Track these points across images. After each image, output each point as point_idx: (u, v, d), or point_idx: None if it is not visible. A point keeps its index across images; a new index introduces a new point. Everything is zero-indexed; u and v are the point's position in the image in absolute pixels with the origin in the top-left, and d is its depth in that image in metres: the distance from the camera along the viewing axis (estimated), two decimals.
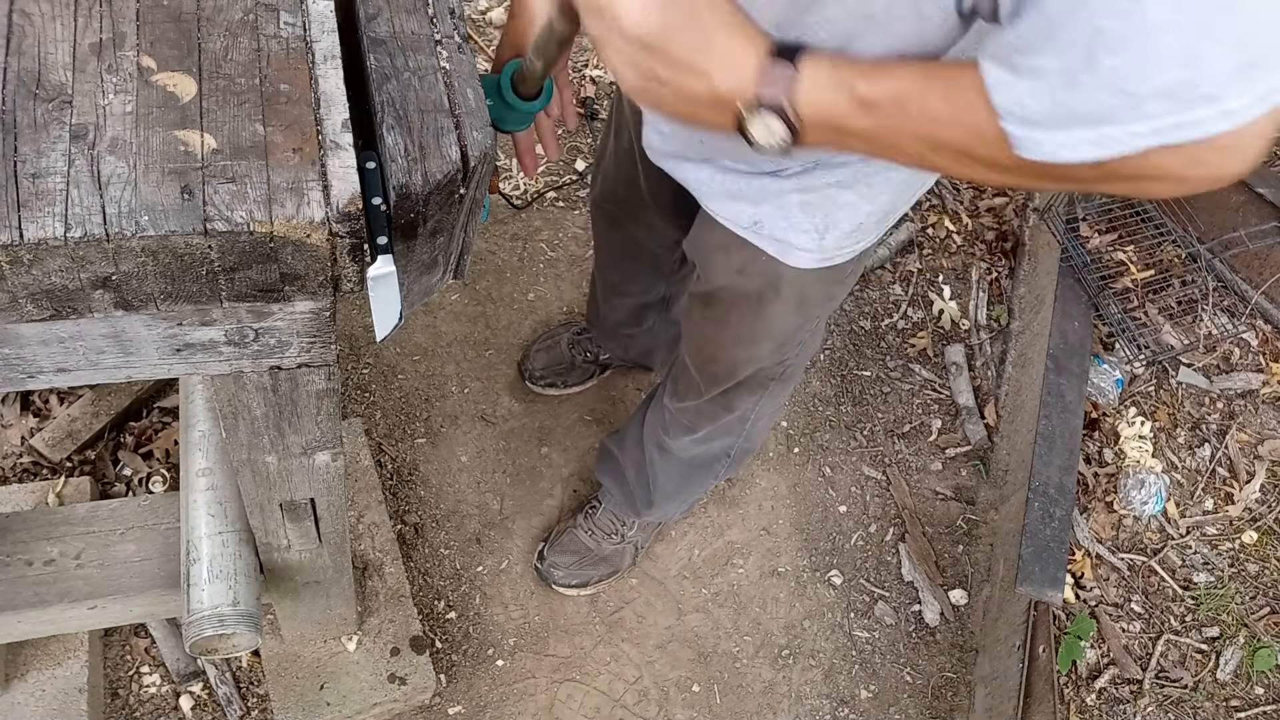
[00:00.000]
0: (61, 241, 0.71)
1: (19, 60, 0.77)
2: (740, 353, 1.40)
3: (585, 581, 1.96)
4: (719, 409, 1.58)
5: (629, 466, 1.84)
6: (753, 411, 1.59)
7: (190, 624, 1.29)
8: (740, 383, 1.49)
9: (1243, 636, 2.09)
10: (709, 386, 1.52)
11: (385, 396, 2.15)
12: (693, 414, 1.62)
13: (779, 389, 1.55)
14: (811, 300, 1.30)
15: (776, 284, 1.23)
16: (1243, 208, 2.52)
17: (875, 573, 2.12)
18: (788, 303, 1.27)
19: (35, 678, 1.64)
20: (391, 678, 1.71)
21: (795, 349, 1.44)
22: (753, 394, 1.53)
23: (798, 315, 1.32)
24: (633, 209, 1.56)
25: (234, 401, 0.99)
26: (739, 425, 1.63)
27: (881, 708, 1.96)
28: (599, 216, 1.73)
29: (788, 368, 1.49)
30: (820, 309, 1.35)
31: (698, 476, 1.79)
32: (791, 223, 1.14)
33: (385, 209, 0.79)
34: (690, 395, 1.59)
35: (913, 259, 2.57)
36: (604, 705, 1.88)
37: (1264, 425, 2.38)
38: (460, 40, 0.89)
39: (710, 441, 1.68)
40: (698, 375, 1.53)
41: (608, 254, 1.81)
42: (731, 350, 1.41)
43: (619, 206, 1.61)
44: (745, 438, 1.68)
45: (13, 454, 1.91)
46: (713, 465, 1.75)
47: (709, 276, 1.32)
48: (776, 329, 1.34)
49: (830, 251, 1.17)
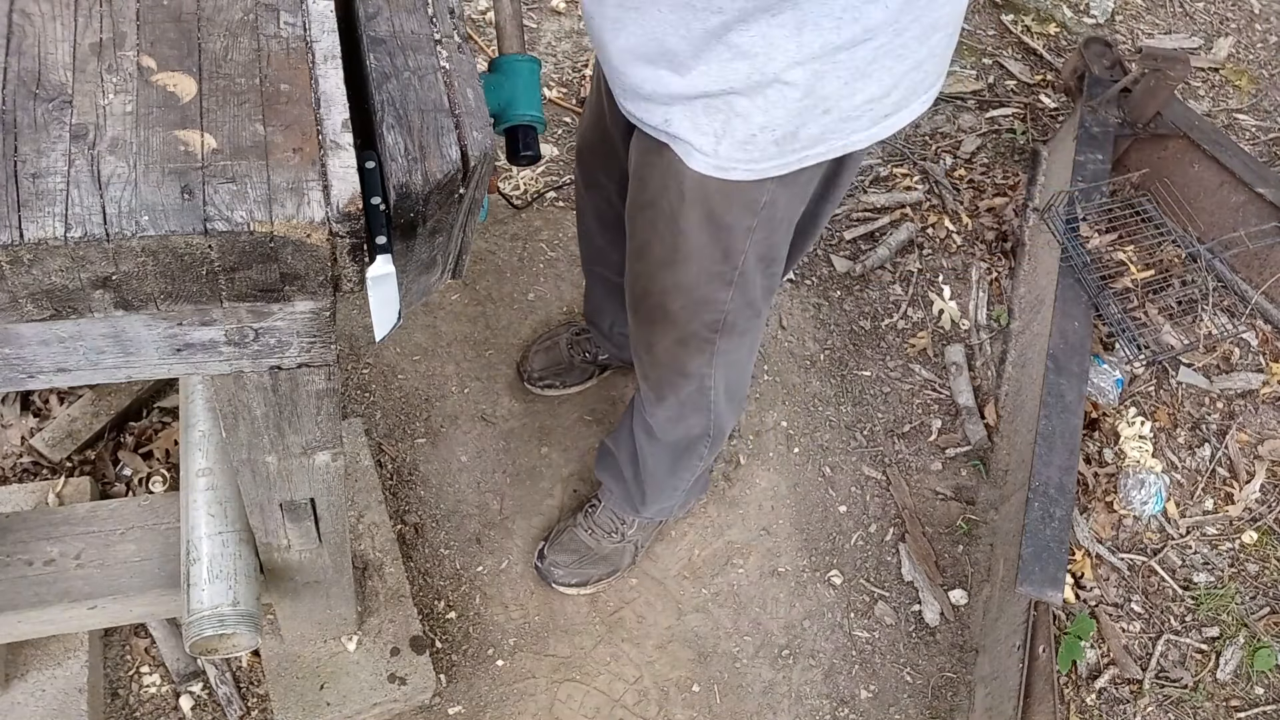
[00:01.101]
0: (61, 241, 0.71)
1: (19, 60, 0.77)
2: (666, 278, 1.42)
3: (585, 580, 1.96)
4: (674, 374, 1.58)
5: (624, 461, 1.85)
6: (711, 378, 1.59)
7: (190, 624, 1.30)
8: (681, 336, 1.50)
9: (1243, 636, 2.09)
10: (650, 332, 1.54)
11: (385, 396, 2.15)
12: (653, 382, 1.64)
13: (726, 346, 1.53)
14: (721, 218, 1.31)
15: (681, 189, 1.28)
16: (1243, 208, 2.52)
17: (875, 573, 2.12)
18: (695, 212, 1.30)
19: (35, 678, 1.64)
20: (391, 678, 1.71)
21: (727, 290, 1.42)
22: (701, 353, 1.53)
23: (710, 235, 1.33)
24: (600, 152, 1.64)
25: (234, 401, 0.99)
26: (701, 397, 1.62)
27: (881, 708, 1.97)
28: (579, 171, 1.78)
29: (726, 316, 1.46)
30: (738, 238, 1.34)
31: (684, 460, 1.79)
32: (695, 124, 1.20)
33: (384, 209, 0.79)
34: (640, 350, 1.60)
35: (913, 259, 2.57)
36: (604, 705, 1.88)
37: (1264, 425, 2.38)
38: (460, 40, 0.89)
39: (684, 419, 1.69)
40: (635, 321, 1.56)
41: (588, 218, 1.86)
42: (659, 277, 1.43)
43: (591, 152, 1.70)
44: (714, 414, 1.68)
45: (13, 454, 1.91)
46: (696, 447, 1.75)
47: (633, 193, 1.39)
48: (693, 248, 1.35)
49: (724, 160, 1.22)
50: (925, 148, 2.81)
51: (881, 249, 2.55)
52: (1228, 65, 3.18)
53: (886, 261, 2.55)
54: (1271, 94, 3.13)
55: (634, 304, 1.55)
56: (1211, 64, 3.17)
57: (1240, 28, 3.33)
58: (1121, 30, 3.22)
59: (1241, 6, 3.40)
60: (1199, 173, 2.58)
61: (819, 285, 2.50)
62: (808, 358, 2.38)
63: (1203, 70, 3.15)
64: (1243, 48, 3.26)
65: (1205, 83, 3.13)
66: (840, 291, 2.50)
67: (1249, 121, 3.03)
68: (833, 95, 1.15)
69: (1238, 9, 3.39)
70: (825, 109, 1.17)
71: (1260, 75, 3.18)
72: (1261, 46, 3.28)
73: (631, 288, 1.53)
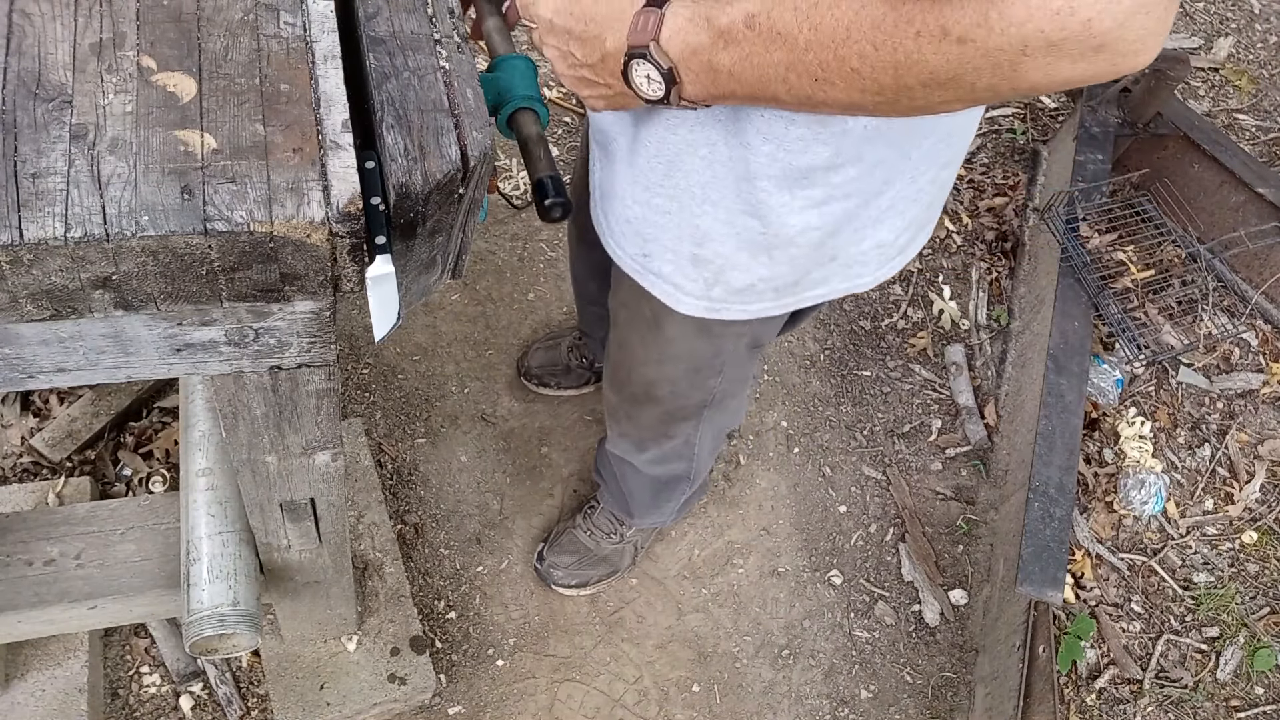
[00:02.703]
0: (61, 241, 0.71)
1: (19, 60, 0.77)
2: (650, 372, 1.36)
3: (584, 581, 1.96)
4: (660, 435, 1.54)
5: (609, 477, 1.84)
6: (696, 438, 1.56)
7: (190, 624, 1.30)
8: (668, 411, 1.45)
9: (1243, 636, 2.09)
10: (632, 408, 1.48)
11: (385, 396, 2.15)
12: (633, 440, 1.61)
13: (715, 416, 1.49)
14: (715, 330, 1.23)
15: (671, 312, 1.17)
16: (1243, 208, 2.52)
17: (875, 573, 2.12)
18: (686, 328, 1.22)
19: (35, 678, 1.64)
20: (391, 678, 1.71)
21: (716, 378, 1.36)
22: (687, 421, 1.49)
23: (704, 342, 1.26)
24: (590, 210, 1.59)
25: (234, 401, 0.99)
26: (686, 450, 1.60)
27: (881, 708, 1.96)
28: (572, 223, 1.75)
29: (715, 395, 1.41)
30: (731, 343, 1.28)
31: (665, 492, 1.78)
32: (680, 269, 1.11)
33: (384, 209, 0.79)
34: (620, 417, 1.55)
35: (913, 259, 2.57)
36: (604, 705, 1.88)
37: (1264, 425, 2.38)
38: (460, 40, 0.89)
39: (666, 463, 1.67)
40: (618, 396, 1.49)
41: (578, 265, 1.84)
42: (641, 370, 1.37)
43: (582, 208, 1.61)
44: (696, 462, 1.66)
45: (13, 454, 1.91)
46: (677, 484, 1.75)
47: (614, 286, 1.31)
48: (682, 353, 1.29)
49: (716, 302, 1.13)
50: None
51: None
52: (1228, 65, 3.18)
53: None
54: (1271, 94, 3.13)
55: (617, 384, 1.48)
56: (1211, 64, 3.17)
57: (1240, 28, 3.33)
58: None
59: (1241, 6, 3.40)
60: (1199, 173, 2.58)
61: None
62: (808, 358, 2.38)
63: (1203, 70, 3.15)
64: (1243, 48, 3.26)
65: (1205, 83, 3.13)
66: None
67: (1249, 121, 3.03)
68: (842, 245, 1.07)
69: (1238, 9, 3.39)
70: (833, 257, 1.09)
71: (1260, 75, 3.18)
72: (1261, 46, 3.28)
73: (614, 370, 1.46)
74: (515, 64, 1.32)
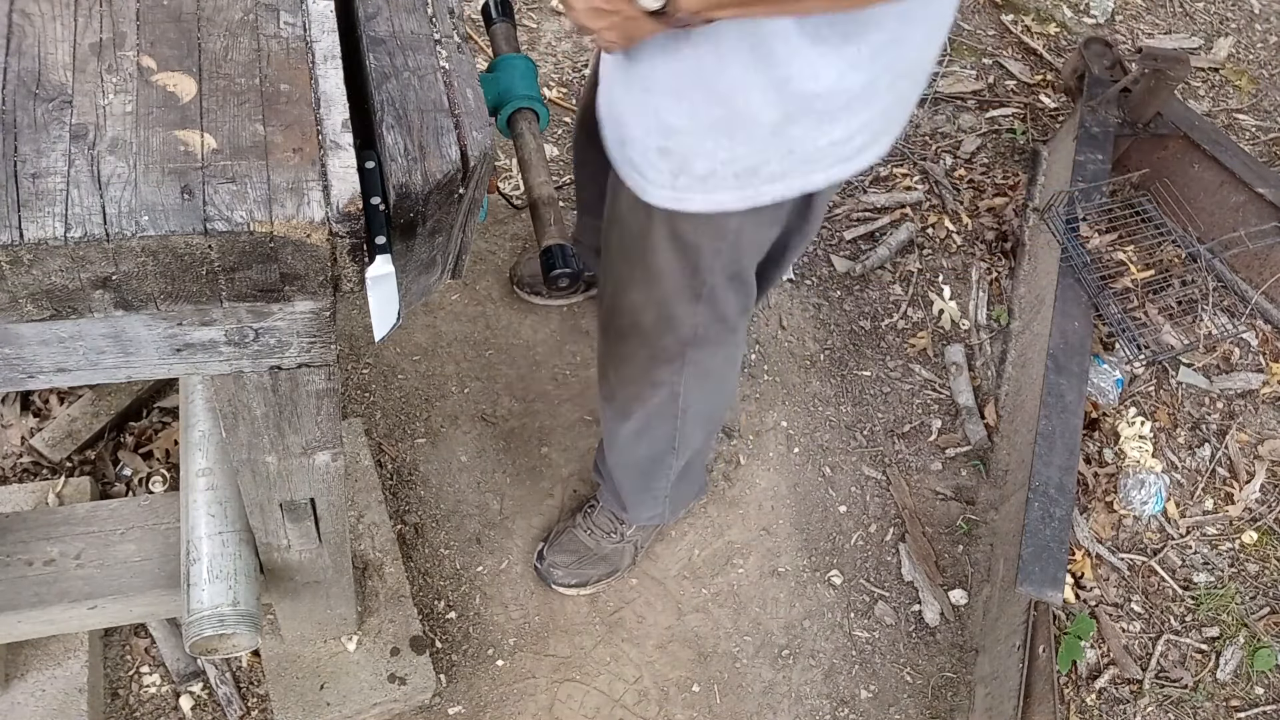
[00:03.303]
0: (61, 241, 0.71)
1: (19, 60, 0.77)
2: (636, 296, 1.45)
3: (585, 581, 1.96)
4: (643, 386, 1.59)
5: (606, 474, 1.87)
6: (681, 386, 1.59)
7: (190, 624, 1.30)
8: (651, 352, 1.51)
9: (1243, 636, 2.09)
10: (619, 347, 1.55)
11: (385, 396, 2.15)
12: (620, 401, 1.64)
13: (698, 358, 1.54)
14: (686, 238, 1.33)
15: (649, 209, 1.30)
16: (1243, 208, 2.52)
17: (875, 573, 2.12)
18: (661, 231, 1.33)
19: (35, 678, 1.64)
20: (391, 678, 1.71)
21: (694, 304, 1.43)
22: (670, 363, 1.54)
23: (678, 253, 1.35)
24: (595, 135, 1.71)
25: (234, 401, 1.00)
26: (670, 405, 1.63)
27: (881, 708, 1.97)
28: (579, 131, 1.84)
29: (696, 331, 1.48)
30: (705, 256, 1.36)
31: (652, 474, 1.80)
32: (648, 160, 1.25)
33: (384, 209, 0.79)
34: (609, 368, 1.62)
35: (913, 259, 2.57)
36: (604, 705, 1.88)
37: (1264, 425, 2.38)
38: (459, 40, 0.89)
39: (649, 431, 1.69)
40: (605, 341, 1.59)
41: (584, 172, 1.94)
42: (629, 293, 1.46)
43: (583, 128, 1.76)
44: (683, 421, 1.68)
45: (13, 454, 1.91)
46: (663, 459, 1.76)
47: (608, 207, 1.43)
48: (661, 265, 1.38)
49: (683, 193, 1.25)
50: (925, 148, 2.81)
51: (881, 249, 2.55)
52: (1228, 65, 3.18)
53: (886, 261, 2.55)
54: (1271, 94, 3.13)
55: (605, 321, 1.57)
56: (1211, 64, 3.17)
57: (1240, 28, 3.33)
58: (1121, 30, 3.22)
59: (1241, 6, 3.40)
60: (1199, 173, 2.58)
61: (819, 285, 2.50)
62: (808, 358, 2.38)
63: (1203, 70, 3.15)
64: (1243, 48, 3.26)
65: (1205, 83, 3.13)
66: (840, 291, 2.50)
67: (1249, 121, 3.03)
68: (799, 137, 1.18)
69: (1238, 9, 3.39)
70: (790, 149, 1.20)
71: (1260, 75, 3.18)
72: (1261, 46, 3.28)
73: (603, 305, 1.55)
74: (515, 64, 1.33)
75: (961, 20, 3.15)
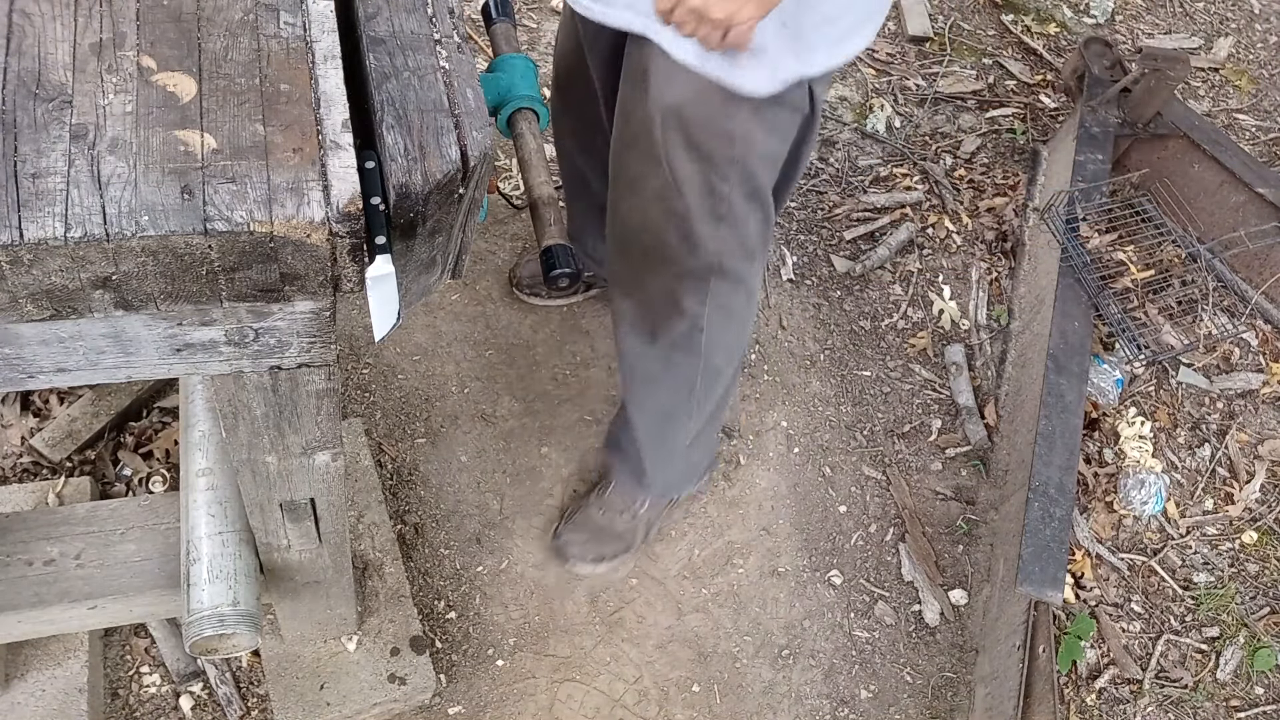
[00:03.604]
0: (61, 241, 0.71)
1: (19, 60, 0.77)
2: (657, 212, 1.46)
3: (600, 557, 1.98)
4: (669, 309, 1.60)
5: (625, 440, 1.89)
6: (704, 319, 1.60)
7: (190, 624, 1.30)
8: (676, 275, 1.52)
9: (1243, 636, 2.09)
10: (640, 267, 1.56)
11: (385, 396, 2.15)
12: (645, 324, 1.65)
13: (721, 290, 1.56)
14: (701, 146, 1.35)
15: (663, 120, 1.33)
16: (1243, 208, 2.52)
17: (875, 573, 2.12)
18: (677, 140, 1.35)
19: (35, 678, 1.64)
20: (391, 678, 1.71)
21: (716, 225, 1.46)
22: (695, 291, 1.55)
23: (696, 165, 1.38)
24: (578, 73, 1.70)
25: (234, 401, 1.00)
26: (694, 339, 1.64)
27: (881, 708, 1.97)
28: (556, 95, 1.85)
29: (720, 258, 1.50)
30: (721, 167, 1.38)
31: (672, 424, 1.82)
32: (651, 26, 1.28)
33: (384, 209, 0.79)
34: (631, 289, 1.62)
35: (913, 259, 2.57)
36: (604, 705, 1.88)
37: (1264, 425, 2.38)
38: (460, 40, 0.89)
39: (672, 368, 1.70)
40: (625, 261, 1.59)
41: (566, 140, 1.95)
42: (651, 212, 1.47)
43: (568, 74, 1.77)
44: (705, 364, 1.69)
45: (13, 454, 1.91)
46: (684, 406, 1.77)
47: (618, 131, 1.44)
48: (681, 180, 1.39)
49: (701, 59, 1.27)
50: (925, 148, 2.81)
51: (881, 249, 2.55)
52: (1228, 65, 3.18)
53: (886, 261, 2.55)
54: (1271, 94, 3.13)
55: (625, 242, 1.57)
56: (1211, 64, 3.17)
57: (1240, 28, 3.33)
58: (1121, 30, 3.22)
59: (1241, 6, 3.40)
60: (1199, 173, 2.58)
61: (819, 285, 2.50)
62: (808, 358, 2.38)
63: (1203, 70, 3.15)
64: (1243, 48, 3.26)
65: (1205, 83, 3.13)
66: (840, 291, 2.50)
67: (1249, 121, 3.03)
68: (789, 9, 1.21)
69: (1238, 9, 3.39)
70: (783, 21, 1.23)
71: (1260, 75, 3.18)
72: (1261, 46, 3.28)
73: (624, 224, 1.55)
74: (515, 64, 1.33)
75: (961, 20, 3.15)
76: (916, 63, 3.01)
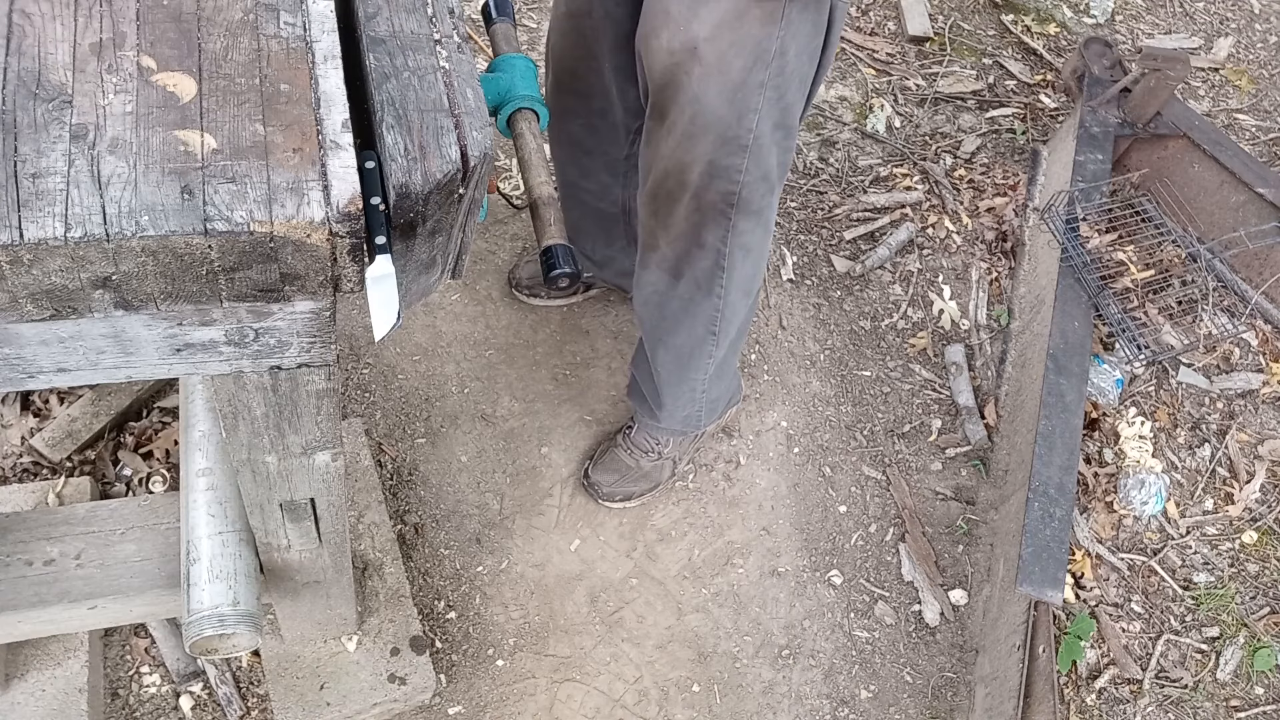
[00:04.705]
0: (61, 241, 0.71)
1: (19, 60, 0.77)
2: (685, 151, 1.50)
3: (629, 495, 2.06)
4: (690, 245, 1.63)
5: (643, 378, 1.95)
6: (726, 257, 1.63)
7: (190, 624, 1.30)
8: (699, 207, 1.56)
9: (1243, 636, 2.09)
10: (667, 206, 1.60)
11: (385, 396, 2.15)
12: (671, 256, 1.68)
13: (743, 225, 1.59)
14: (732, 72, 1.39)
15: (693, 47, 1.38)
16: (1243, 208, 2.52)
17: (875, 573, 2.12)
18: (708, 68, 1.39)
19: (35, 678, 1.64)
20: (391, 678, 1.71)
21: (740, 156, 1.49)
22: (717, 225, 1.59)
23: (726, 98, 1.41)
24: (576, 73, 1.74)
25: (234, 401, 1.00)
26: (715, 275, 1.67)
27: (881, 708, 1.97)
28: (553, 99, 1.85)
29: (741, 189, 1.54)
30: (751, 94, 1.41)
31: (692, 361, 1.85)
32: None
33: (384, 209, 0.79)
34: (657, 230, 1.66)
35: (913, 259, 2.57)
36: (604, 705, 1.88)
37: (1264, 425, 2.38)
38: (460, 40, 0.89)
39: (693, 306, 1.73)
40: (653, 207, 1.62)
41: (562, 147, 1.95)
42: (678, 152, 1.51)
43: (568, 74, 1.77)
44: (725, 302, 1.72)
45: (13, 454, 1.91)
46: (703, 344, 1.81)
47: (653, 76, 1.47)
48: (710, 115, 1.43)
49: None
50: (925, 148, 2.81)
51: (881, 249, 2.55)
52: (1228, 65, 3.18)
53: (886, 261, 2.55)
54: (1271, 94, 3.13)
55: (654, 187, 1.60)
56: (1211, 64, 3.17)
57: (1240, 28, 3.33)
58: (1121, 30, 3.22)
59: (1241, 6, 3.40)
60: (1199, 173, 2.58)
61: (819, 285, 2.50)
62: (808, 358, 2.38)
63: (1203, 70, 3.15)
64: (1243, 48, 3.26)
65: (1205, 83, 3.13)
66: (840, 291, 2.50)
67: (1249, 121, 3.03)
68: None
69: (1238, 9, 3.39)
70: None
71: (1260, 75, 3.18)
72: (1261, 46, 3.28)
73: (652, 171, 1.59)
74: (515, 64, 1.33)
75: (961, 20, 3.15)
76: (916, 63, 3.01)
